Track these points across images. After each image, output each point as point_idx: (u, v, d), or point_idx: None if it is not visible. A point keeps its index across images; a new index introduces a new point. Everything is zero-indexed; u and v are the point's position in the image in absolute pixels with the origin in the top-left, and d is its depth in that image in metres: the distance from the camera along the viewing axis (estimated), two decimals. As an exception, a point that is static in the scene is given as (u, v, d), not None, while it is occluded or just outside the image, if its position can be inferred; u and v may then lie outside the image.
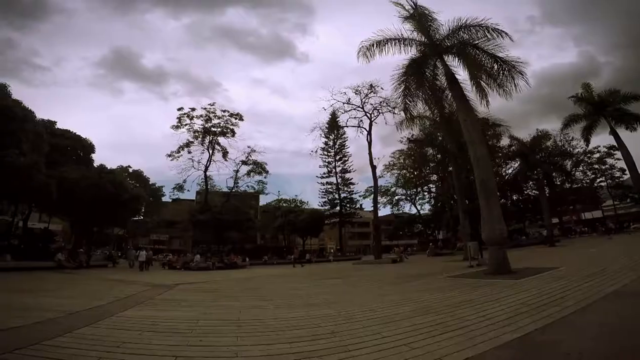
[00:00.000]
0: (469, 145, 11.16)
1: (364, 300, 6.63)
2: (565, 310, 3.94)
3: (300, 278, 14.88)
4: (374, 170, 30.79)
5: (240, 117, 36.41)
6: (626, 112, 24.67)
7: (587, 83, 27.28)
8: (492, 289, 6.46)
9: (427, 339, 3.29)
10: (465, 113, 11.16)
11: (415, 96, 12.48)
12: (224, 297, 8.41)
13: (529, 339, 2.99)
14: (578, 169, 38.25)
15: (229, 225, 35.48)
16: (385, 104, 29.08)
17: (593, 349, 2.47)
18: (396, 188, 46.19)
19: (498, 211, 10.05)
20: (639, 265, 7.59)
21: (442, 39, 11.71)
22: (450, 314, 4.48)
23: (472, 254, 14.84)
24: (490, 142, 27.97)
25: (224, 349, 3.42)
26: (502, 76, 10.99)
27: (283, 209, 49.01)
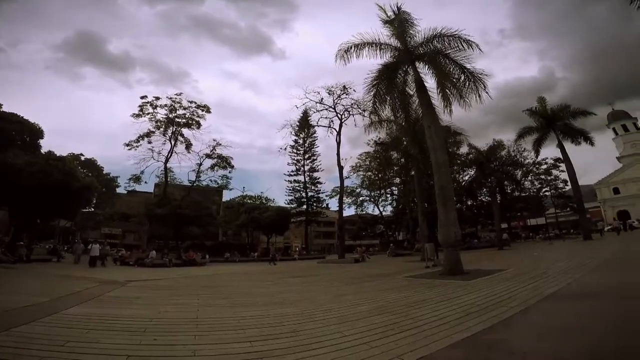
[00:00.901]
0: (431, 151, 11.65)
1: (326, 299, 6.69)
2: (510, 311, 4.20)
3: (263, 276, 14.68)
4: (341, 170, 31.23)
5: (208, 109, 35.19)
6: (573, 127, 27.16)
7: (542, 97, 29.65)
8: (446, 289, 6.79)
9: (385, 338, 3.39)
10: (430, 120, 11.63)
11: (384, 100, 12.78)
12: (181, 295, 8.07)
13: (477, 338, 3.16)
14: (527, 178, 41.44)
15: (188, 221, 34.14)
16: (356, 106, 29.62)
17: (535, 348, 2.67)
18: (361, 189, 47.15)
19: (454, 215, 10.62)
20: (574, 269, 8.31)
21: (416, 46, 12.12)
22: (405, 313, 4.64)
23: (428, 255, 15.53)
24: (451, 149, 29.46)
25: (180, 347, 3.31)
26: (466, 87, 11.58)
27: (248, 205, 48.11)
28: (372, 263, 21.71)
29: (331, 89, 31.36)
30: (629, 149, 59.60)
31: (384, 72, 12.31)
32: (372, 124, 17.59)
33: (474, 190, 37.93)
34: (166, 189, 35.52)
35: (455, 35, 11.25)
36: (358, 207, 50.43)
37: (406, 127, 18.26)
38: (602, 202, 60.07)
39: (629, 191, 57.56)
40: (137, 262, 23.50)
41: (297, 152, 46.59)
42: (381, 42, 12.38)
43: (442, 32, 11.45)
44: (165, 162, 33.86)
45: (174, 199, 35.35)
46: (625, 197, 57.74)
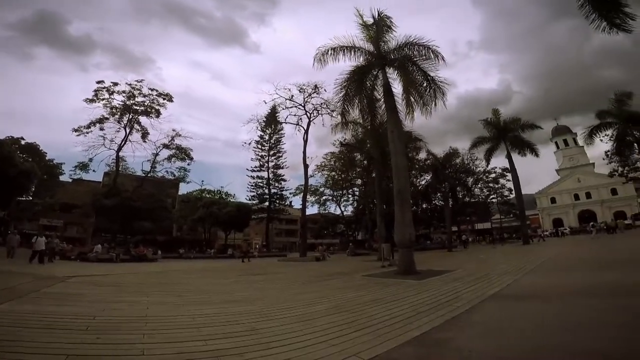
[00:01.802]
0: (392, 155, 12.08)
1: (286, 298, 6.68)
2: (457, 310, 4.48)
3: (220, 273, 14.28)
4: (306, 169, 31.29)
5: (170, 98, 33.61)
6: (521, 139, 29.60)
7: (496, 109, 32.01)
8: (400, 289, 7.07)
9: (343, 336, 3.46)
10: (394, 124, 12.06)
11: (353, 102, 13.08)
12: (128, 292, 7.58)
13: (427, 337, 3.33)
14: (477, 185, 44.53)
15: (140, 213, 32.23)
16: (326, 105, 29.83)
17: (480, 346, 2.87)
18: (325, 188, 47.61)
19: (409, 217, 11.11)
20: (513, 272, 9.02)
21: (389, 52, 12.51)
22: (362, 312, 4.77)
23: (385, 255, 16.11)
24: (411, 154, 30.83)
25: (127, 346, 3.13)
26: (429, 95, 12.16)
27: (206, 199, 46.44)
28: (332, 262, 21.98)
29: (303, 87, 31.31)
30: (566, 163, 66.41)
31: (355, 75, 12.59)
32: (340, 125, 17.86)
33: (429, 194, 39.99)
34: (117, 178, 33.25)
35: (426, 45, 11.81)
36: (321, 205, 50.97)
37: (371, 130, 18.76)
38: (540, 210, 66.41)
39: (563, 201, 64.36)
40: (80, 256, 21.70)
41: (262, 147, 45.91)
42: (356, 46, 12.69)
43: (414, 40, 11.96)
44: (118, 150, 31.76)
45: (124, 189, 33.17)
46: (560, 207, 64.50)
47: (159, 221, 37.75)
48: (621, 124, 26.35)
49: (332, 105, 27.49)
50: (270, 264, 19.94)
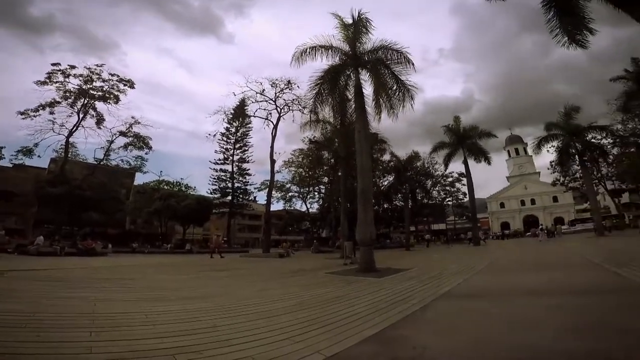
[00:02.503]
0: (357, 155, 12.35)
1: (249, 294, 6.59)
2: (412, 308, 4.66)
3: (178, 269, 13.73)
4: (273, 164, 30.94)
5: (131, 85, 31.64)
6: (478, 146, 31.53)
7: (457, 116, 33.74)
8: (360, 286, 7.25)
9: (307, 333, 3.48)
10: (362, 125, 12.30)
11: (325, 101, 13.16)
12: (74, 288, 7.04)
13: (385, 333, 3.45)
14: (435, 188, 46.89)
15: (89, 204, 29.98)
16: (297, 102, 29.62)
17: (433, 343, 3.02)
18: (291, 185, 47.44)
19: (371, 216, 11.45)
20: (464, 271, 9.55)
21: (364, 53, 12.72)
22: (325, 309, 4.82)
23: (347, 253, 16.43)
24: (375, 155, 31.67)
25: (71, 344, 2.91)
26: (397, 98, 12.53)
27: (164, 191, 44.33)
28: (297, 259, 21.98)
29: (275, 81, 30.82)
30: (516, 170, 72.09)
31: (330, 74, 12.70)
32: (310, 122, 17.88)
33: (391, 195, 41.38)
34: (65, 165, 30.61)
35: (399, 50, 12.15)
36: (287, 202, 50.77)
37: (340, 129, 18.99)
38: (490, 213, 71.51)
39: (511, 206, 69.88)
40: (18, 249, 19.72)
41: (227, 140, 44.60)
42: (333, 46, 12.82)
43: (388, 44, 12.27)
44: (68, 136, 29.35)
45: (73, 178, 30.68)
46: (508, 211, 69.98)
47: (110, 213, 35.33)
48: (566, 136, 29.00)
49: (303, 102, 27.44)
50: (232, 260, 19.54)
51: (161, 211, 40.95)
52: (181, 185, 51.35)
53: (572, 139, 28.86)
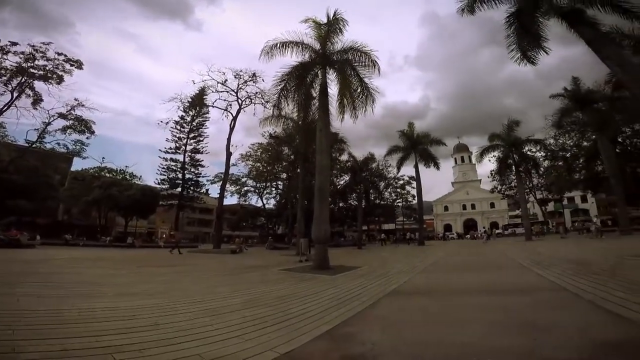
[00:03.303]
0: (317, 153, 12.46)
1: (196, 291, 6.33)
2: (362, 305, 4.79)
3: (117, 264, 12.76)
4: (229, 156, 30.00)
5: (79, 65, 28.89)
6: (428, 152, 33.39)
7: (412, 123, 35.40)
8: (314, 284, 7.32)
9: (259, 331, 3.42)
10: (323, 124, 12.40)
11: (289, 97, 13.06)
12: (-8, 284, 6.22)
13: (336, 331, 3.51)
14: (387, 190, 48.91)
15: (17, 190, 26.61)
16: (261, 95, 29.00)
17: (381, 339, 3.12)
18: (247, 179, 46.30)
19: (327, 214, 11.62)
20: (409, 270, 10.00)
21: (333, 53, 12.80)
22: (277, 306, 4.78)
23: (302, 250, 16.53)
24: (334, 154, 32.17)
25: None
26: (360, 99, 12.79)
27: (105, 179, 40.81)
28: (250, 255, 21.60)
29: (239, 72, 29.85)
30: (460, 177, 77.99)
31: (297, 70, 12.63)
32: (272, 117, 17.58)
33: (346, 194, 42.41)
34: (-13, 145, 26.94)
35: (368, 53, 12.39)
36: (241, 196, 49.40)
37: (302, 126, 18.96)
38: (435, 216, 76.50)
39: (454, 210, 75.54)
40: None
41: (181, 129, 42.22)
42: (305, 43, 12.74)
43: (358, 47, 12.46)
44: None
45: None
46: (451, 214, 75.55)
47: (41, 200, 31.63)
48: (506, 147, 31.83)
49: (267, 96, 26.75)
50: (178, 256, 18.63)
51: (101, 201, 37.59)
52: (125, 173, 47.60)
53: (511, 150, 31.75)
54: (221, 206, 30.33)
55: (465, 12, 11.62)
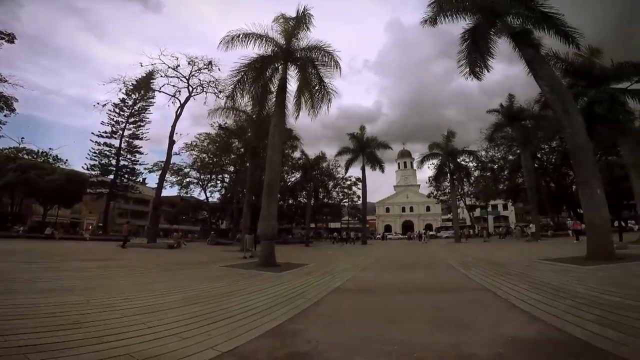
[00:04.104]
0: (269, 148, 12.28)
1: (127, 287, 5.88)
2: (307, 302, 4.85)
3: (33, 257, 11.29)
4: (172, 145, 28.20)
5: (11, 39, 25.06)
6: (375, 156, 34.84)
7: (363, 126, 36.68)
8: (258, 280, 7.23)
9: (198, 329, 3.29)
10: (278, 119, 12.25)
11: (245, 89, 12.63)
12: None
13: (281, 328, 3.51)
14: (335, 189, 50.10)
15: None
16: (215, 85, 27.80)
17: (325, 336, 3.18)
18: (191, 170, 43.82)
19: (275, 210, 11.53)
20: (352, 268, 10.41)
21: (297, 49, 12.62)
22: (220, 303, 4.64)
23: (247, 246, 16.17)
24: (287, 151, 32.01)
25: None
26: (318, 98, 12.85)
27: (23, 161, 35.54)
28: (189, 250, 20.57)
29: (194, 59, 28.23)
30: (402, 181, 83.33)
31: (258, 63, 12.27)
32: (224, 108, 16.86)
33: (296, 191, 42.51)
34: None
35: (331, 53, 12.44)
36: (183, 188, 46.49)
37: (255, 120, 18.51)
38: (377, 216, 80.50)
39: (394, 212, 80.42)
40: None
41: (120, 112, 38.48)
42: (269, 37, 12.41)
43: (322, 46, 12.44)
44: None
45: None
46: (392, 216, 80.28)
47: None
48: (444, 156, 34.59)
49: (221, 86, 25.90)
50: (106, 250, 17.01)
51: (15, 185, 32.59)
52: (48, 156, 41.95)
53: (448, 159, 34.66)
54: (159, 197, 28.35)
55: (428, 24, 12.12)
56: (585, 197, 9.37)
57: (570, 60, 14.83)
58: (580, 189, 10.09)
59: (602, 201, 9.04)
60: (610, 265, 7.41)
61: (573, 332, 2.89)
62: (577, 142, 9.68)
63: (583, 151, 9.55)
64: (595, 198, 9.05)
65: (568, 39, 11.00)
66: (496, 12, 11.09)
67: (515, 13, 10.99)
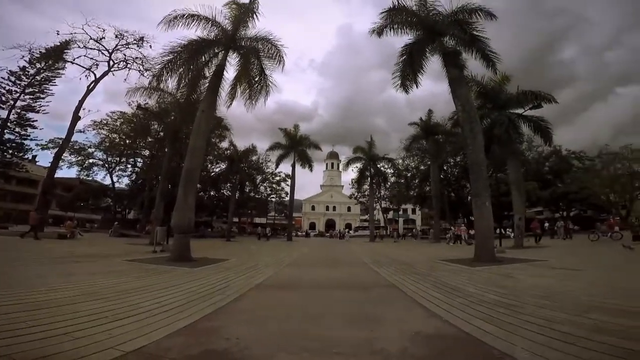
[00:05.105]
0: (193, 133, 11.49)
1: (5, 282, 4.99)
2: (227, 299, 4.68)
3: None
4: (76, 121, 24.39)
5: None
6: (306, 154, 35.33)
7: (297, 124, 36.90)
8: (171, 276, 6.72)
9: (95, 327, 2.96)
10: (208, 105, 11.52)
11: (176, 70, 11.60)
12: None
13: (198, 325, 3.32)
14: (263, 184, 49.32)
15: None
16: (141, 62, 25.05)
17: (246, 333, 3.09)
18: (96, 150, 38.25)
19: (192, 201, 10.76)
20: (275, 264, 10.37)
21: (243, 38, 12.01)
22: (124, 300, 4.23)
23: (157, 239, 14.90)
24: (214, 139, 30.33)
25: None
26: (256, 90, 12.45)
27: None
28: (87, 241, 18.18)
29: (124, 33, 24.75)
30: (328, 181, 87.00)
31: (197, 45, 11.39)
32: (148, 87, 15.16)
33: (220, 183, 40.59)
34: None
35: (278, 47, 12.07)
36: (84, 170, 40.29)
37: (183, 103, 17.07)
38: (303, 214, 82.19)
39: (319, 210, 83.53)
40: None
41: (17, 81, 31.29)
42: (216, 21, 11.59)
43: (272, 38, 12.01)
44: None
45: None
46: (317, 214, 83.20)
47: None
48: (366, 160, 36.95)
49: (148, 64, 23.70)
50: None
51: None
52: None
53: (370, 163, 37.20)
54: (52, 178, 24.16)
55: (375, 34, 12.68)
56: (476, 207, 11.01)
57: (484, 83, 17.16)
58: (473, 200, 11.78)
59: (489, 212, 10.76)
60: (492, 267, 8.75)
61: (463, 327, 3.26)
62: (475, 159, 11.31)
63: (479, 167, 11.22)
64: (484, 209, 10.71)
65: (489, 62, 12.38)
66: (436, 30, 12.10)
67: (452, 34, 12.11)
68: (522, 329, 3.08)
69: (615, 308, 3.82)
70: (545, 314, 3.61)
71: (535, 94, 17.51)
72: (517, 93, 17.98)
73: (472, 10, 11.64)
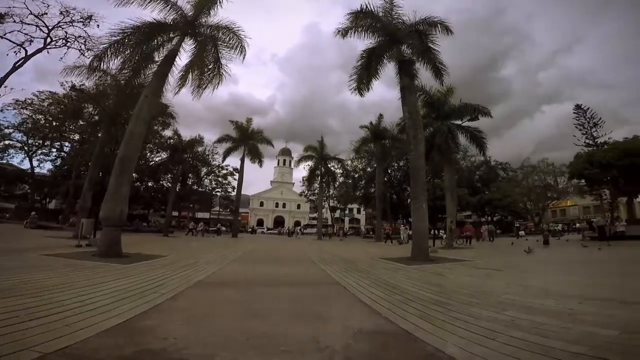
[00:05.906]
0: (132, 119, 10.53)
1: None
2: (163, 297, 4.41)
3: None
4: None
5: None
6: (257, 149, 34.56)
7: (250, 118, 35.96)
8: (98, 273, 6.16)
9: (8, 327, 2.66)
10: (153, 91, 10.64)
11: (123, 52, 10.62)
12: None
13: (130, 324, 3.10)
14: (209, 177, 47.19)
15: None
16: (84, 41, 22.56)
17: (184, 332, 2.95)
18: (16, 131, 33.27)
19: (126, 191, 9.81)
20: (218, 260, 9.99)
21: (204, 25, 11.40)
22: (42, 297, 3.84)
23: (83, 232, 13.57)
24: (156, 127, 28.22)
25: None
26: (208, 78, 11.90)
27: None
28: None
29: (71, 10, 22.11)
30: (279, 177, 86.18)
31: (149, 28, 10.53)
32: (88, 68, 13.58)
33: (159, 173, 37.95)
34: None
35: (240, 37, 11.57)
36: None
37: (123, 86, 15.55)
38: (251, 210, 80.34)
39: (268, 206, 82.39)
40: None
41: None
42: (176, 4, 10.89)
43: (235, 29, 11.49)
44: None
45: None
46: (265, 210, 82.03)
47: None
48: (317, 159, 37.41)
49: (90, 44, 21.67)
50: None
51: None
52: None
53: (321, 162, 37.74)
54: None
55: (340, 35, 12.84)
56: (414, 210, 11.85)
57: (431, 94, 18.36)
58: (412, 202, 12.65)
59: (425, 214, 11.65)
60: (426, 266, 9.44)
61: (401, 324, 3.45)
62: (416, 164, 12.16)
63: (419, 172, 12.08)
64: (421, 211, 11.57)
65: (438, 74, 13.08)
66: (397, 38, 12.61)
67: (410, 43, 12.70)
68: (452, 325, 3.35)
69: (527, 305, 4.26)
70: (471, 311, 3.96)
71: (475, 108, 19.35)
72: (459, 105, 19.67)
73: (433, 24, 12.32)
